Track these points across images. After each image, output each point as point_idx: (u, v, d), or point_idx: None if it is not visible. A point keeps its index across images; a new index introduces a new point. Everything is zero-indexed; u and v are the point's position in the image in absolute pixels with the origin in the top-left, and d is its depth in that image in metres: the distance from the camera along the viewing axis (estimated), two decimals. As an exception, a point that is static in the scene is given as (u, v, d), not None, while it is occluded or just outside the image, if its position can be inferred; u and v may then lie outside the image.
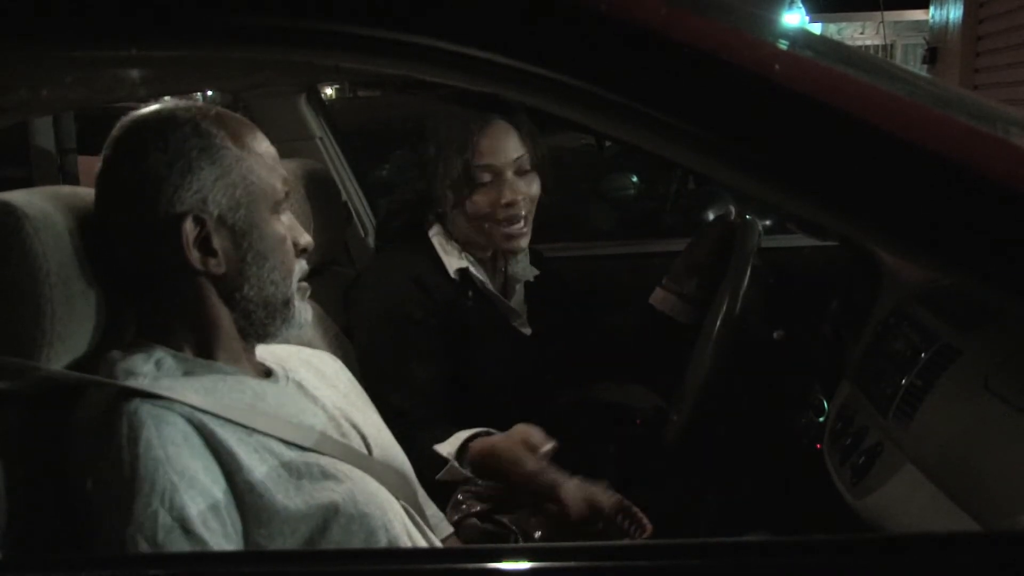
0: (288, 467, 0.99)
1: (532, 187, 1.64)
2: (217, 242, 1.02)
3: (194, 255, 1.01)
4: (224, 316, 1.06)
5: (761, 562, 0.68)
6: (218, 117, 1.05)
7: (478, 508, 1.32)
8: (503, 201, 1.59)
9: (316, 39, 0.71)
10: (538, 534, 1.27)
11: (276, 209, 1.07)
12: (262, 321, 1.08)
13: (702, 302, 1.72)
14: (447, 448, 1.44)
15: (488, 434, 1.45)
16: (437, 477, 1.43)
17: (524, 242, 1.65)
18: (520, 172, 1.62)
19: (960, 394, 1.15)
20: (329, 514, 0.98)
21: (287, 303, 1.08)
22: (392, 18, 0.68)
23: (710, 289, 1.68)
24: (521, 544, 1.23)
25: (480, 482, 1.36)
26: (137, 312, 1.08)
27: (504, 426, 1.46)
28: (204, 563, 0.85)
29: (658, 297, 1.79)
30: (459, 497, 1.34)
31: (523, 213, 1.62)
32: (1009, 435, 1.01)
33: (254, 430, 0.98)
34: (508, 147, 1.60)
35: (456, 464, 1.43)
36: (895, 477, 1.23)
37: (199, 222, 1.01)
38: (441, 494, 1.36)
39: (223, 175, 1.01)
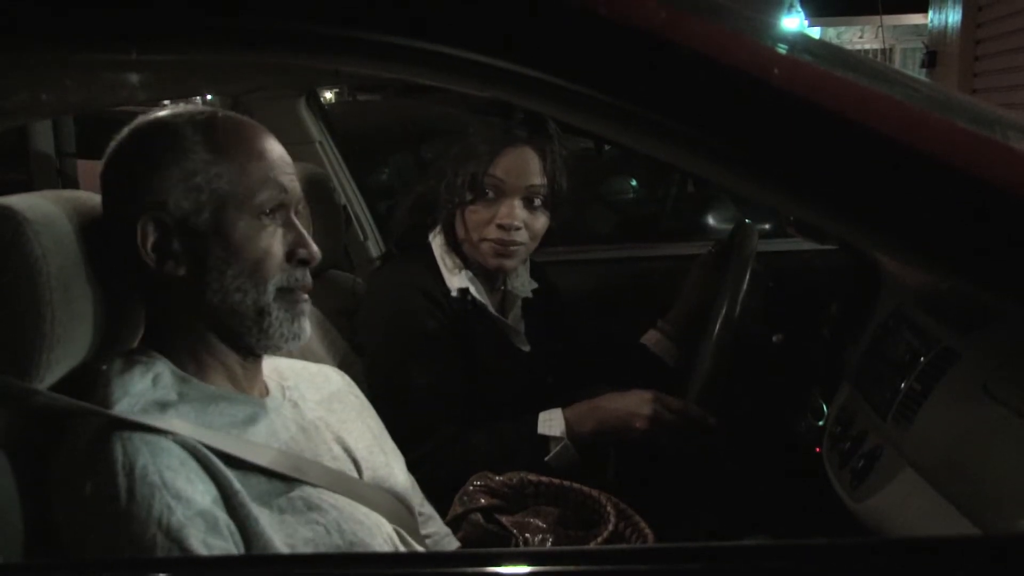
0: (270, 502, 0.98)
1: (535, 221, 1.61)
2: (177, 245, 1.01)
3: (150, 255, 1.01)
4: (201, 325, 1.05)
5: (760, 566, 0.68)
6: (206, 121, 1.03)
7: (483, 502, 1.32)
8: (498, 221, 1.58)
9: (316, 43, 0.71)
10: (538, 537, 1.27)
11: (258, 215, 1.03)
12: (237, 331, 1.05)
13: (687, 342, 1.78)
14: (558, 430, 1.53)
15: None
16: (547, 459, 1.52)
17: (509, 264, 1.63)
18: (528, 202, 1.59)
19: (959, 398, 1.15)
20: (317, 548, 0.98)
21: (261, 312, 1.04)
22: (392, 22, 0.68)
23: (697, 330, 1.71)
24: (521, 548, 1.23)
25: (498, 477, 1.36)
26: (145, 317, 1.08)
27: None
28: (205, 567, 0.85)
29: (651, 338, 1.81)
30: (469, 488, 1.34)
31: (516, 240, 1.59)
32: (1008, 439, 1.01)
33: (240, 460, 0.97)
34: (525, 173, 1.58)
35: (569, 443, 1.52)
36: (894, 481, 1.23)
37: (158, 224, 1.00)
38: (444, 503, 1.36)
39: (187, 178, 1.00)
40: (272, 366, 1.17)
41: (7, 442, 0.93)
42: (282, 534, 0.96)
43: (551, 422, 1.54)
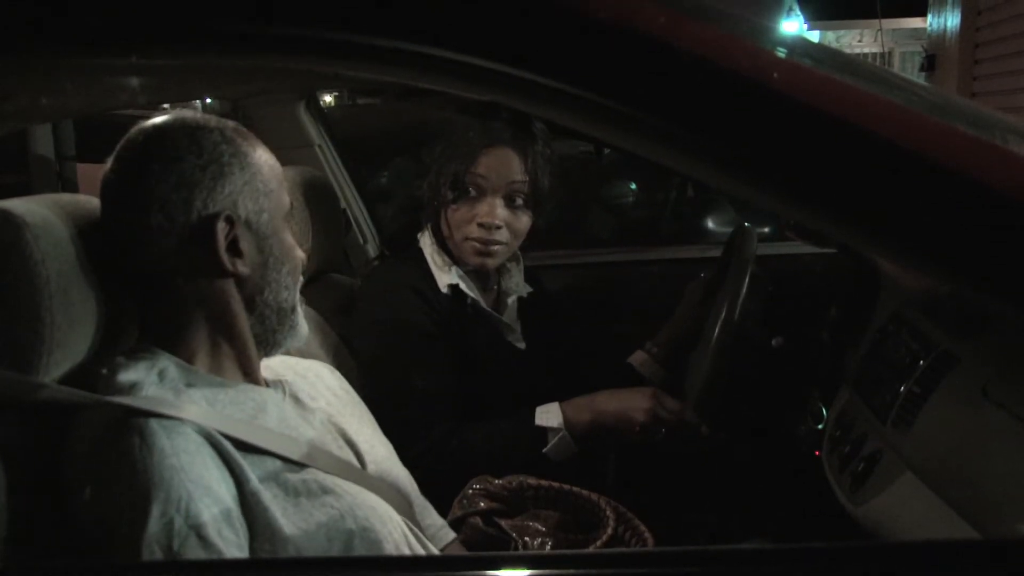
0: (286, 485, 0.99)
1: (517, 220, 1.61)
2: (244, 244, 1.05)
3: (225, 256, 1.03)
4: (242, 320, 1.08)
5: (760, 569, 0.68)
6: (236, 129, 1.09)
7: (482, 505, 1.32)
8: (479, 219, 1.58)
9: (315, 47, 0.71)
10: (538, 541, 1.27)
11: (287, 219, 1.12)
12: (273, 327, 1.11)
13: (673, 366, 1.79)
14: (555, 421, 1.54)
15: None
16: (545, 451, 1.53)
17: (491, 262, 1.63)
18: (510, 200, 1.60)
19: (959, 401, 1.15)
20: (331, 532, 0.99)
21: (294, 310, 1.13)
22: (392, 25, 0.68)
23: (683, 355, 1.71)
24: (520, 552, 1.23)
25: (497, 481, 1.36)
26: (143, 318, 1.08)
27: None
28: (211, 570, 0.85)
29: (637, 359, 1.82)
30: (469, 492, 1.34)
31: (498, 239, 1.59)
32: (1007, 442, 1.01)
33: (254, 446, 0.98)
34: (507, 171, 1.58)
35: (567, 434, 1.53)
36: (894, 484, 1.23)
37: (230, 223, 1.04)
38: (444, 502, 1.36)
39: (250, 181, 1.06)
40: (265, 363, 1.18)
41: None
42: (296, 518, 0.97)
43: (548, 414, 1.55)
